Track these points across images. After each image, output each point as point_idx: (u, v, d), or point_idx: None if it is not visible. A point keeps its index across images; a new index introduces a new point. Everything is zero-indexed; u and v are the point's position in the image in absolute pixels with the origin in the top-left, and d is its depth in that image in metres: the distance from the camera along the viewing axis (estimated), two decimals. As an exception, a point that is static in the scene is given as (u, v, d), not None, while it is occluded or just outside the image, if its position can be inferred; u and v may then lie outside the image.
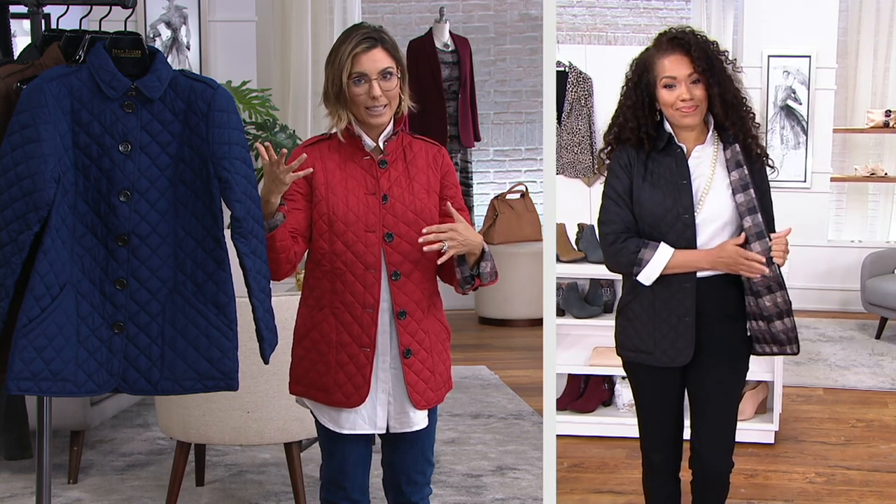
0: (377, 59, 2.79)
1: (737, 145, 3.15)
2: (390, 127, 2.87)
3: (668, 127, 3.18)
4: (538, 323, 6.63)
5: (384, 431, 2.91)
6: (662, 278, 3.14)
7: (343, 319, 2.84)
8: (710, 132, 3.19)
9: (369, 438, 2.97)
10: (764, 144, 3.23)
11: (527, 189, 7.98)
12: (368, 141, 2.85)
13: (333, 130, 2.90)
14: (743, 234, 3.08)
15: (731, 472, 3.33)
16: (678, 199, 3.13)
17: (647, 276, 3.12)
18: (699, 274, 3.14)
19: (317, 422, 2.96)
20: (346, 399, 2.84)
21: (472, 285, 2.87)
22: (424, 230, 2.77)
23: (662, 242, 3.12)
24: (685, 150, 3.17)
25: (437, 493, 3.08)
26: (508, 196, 7.87)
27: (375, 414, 2.88)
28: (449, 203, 2.85)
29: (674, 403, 3.29)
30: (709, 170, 3.16)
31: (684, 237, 3.12)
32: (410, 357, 2.85)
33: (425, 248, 2.76)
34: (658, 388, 3.28)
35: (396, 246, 2.82)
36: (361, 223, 2.80)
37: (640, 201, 3.17)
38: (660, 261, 3.09)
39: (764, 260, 3.04)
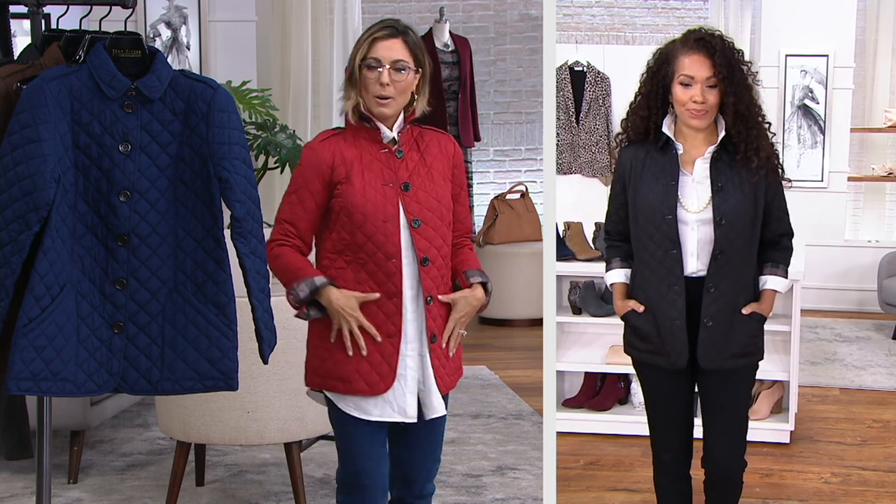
0: (393, 49, 2.81)
1: (736, 157, 3.15)
2: (402, 119, 2.88)
3: (666, 129, 3.18)
4: (538, 323, 6.62)
5: (414, 420, 2.89)
6: (652, 280, 3.19)
7: (368, 309, 2.84)
8: (720, 135, 3.18)
9: (387, 434, 2.95)
10: (776, 152, 3.21)
11: (527, 189, 7.97)
12: (387, 132, 2.87)
13: (338, 124, 2.93)
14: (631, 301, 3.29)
15: (743, 471, 3.33)
16: (665, 199, 3.15)
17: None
18: (688, 274, 3.16)
19: (335, 414, 2.91)
20: (370, 388, 2.83)
21: None
22: (451, 343, 2.91)
23: (616, 270, 3.34)
24: (680, 151, 3.18)
25: (438, 493, 3.08)
26: (508, 196, 7.87)
27: (405, 402, 2.87)
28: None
29: (681, 402, 3.29)
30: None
31: (669, 238, 3.15)
32: (436, 342, 2.88)
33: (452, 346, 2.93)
34: (665, 387, 3.29)
35: (423, 232, 2.85)
36: (380, 214, 2.82)
37: (634, 201, 3.22)
38: (607, 281, 3.41)
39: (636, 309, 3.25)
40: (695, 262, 3.16)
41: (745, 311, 3.17)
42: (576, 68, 6.09)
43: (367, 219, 2.81)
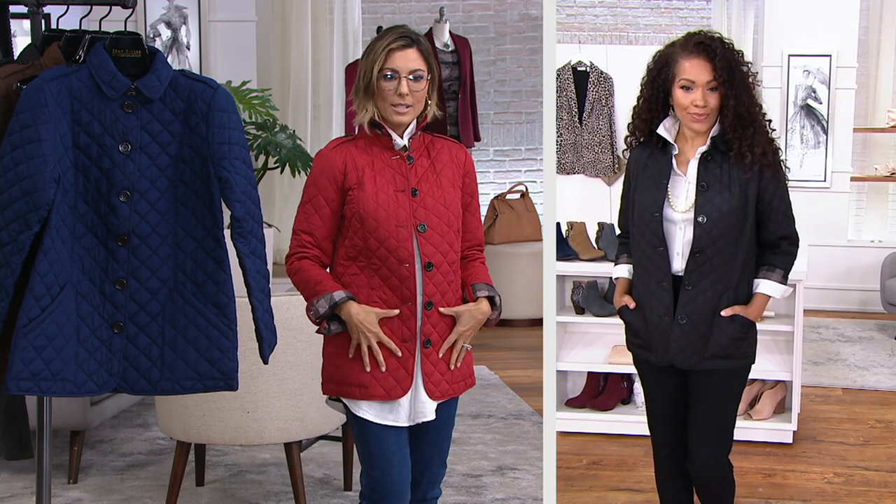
0: (410, 59, 2.82)
1: (730, 155, 3.15)
2: (413, 125, 2.89)
3: (664, 130, 3.19)
4: (538, 323, 6.62)
5: (413, 422, 2.91)
6: (643, 277, 3.22)
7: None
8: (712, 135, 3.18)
9: (408, 437, 2.94)
10: (775, 149, 3.19)
11: (527, 189, 7.98)
12: (398, 140, 2.87)
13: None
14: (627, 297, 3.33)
15: (728, 472, 3.31)
16: (655, 198, 3.18)
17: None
18: (675, 272, 3.17)
19: (354, 422, 2.90)
20: (387, 392, 2.84)
21: None
22: (452, 356, 2.91)
23: (621, 265, 3.38)
24: (675, 152, 3.20)
25: (437, 493, 3.10)
26: (508, 196, 7.87)
27: (412, 408, 2.89)
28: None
29: (674, 398, 3.30)
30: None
31: (656, 235, 3.18)
32: (430, 347, 2.87)
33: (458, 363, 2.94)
34: (657, 383, 3.31)
35: (429, 237, 2.84)
36: (392, 219, 2.82)
37: (633, 200, 3.25)
38: (613, 276, 3.46)
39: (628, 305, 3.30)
40: (680, 260, 3.17)
41: (723, 312, 3.16)
42: (578, 68, 6.09)
43: (380, 224, 2.81)
